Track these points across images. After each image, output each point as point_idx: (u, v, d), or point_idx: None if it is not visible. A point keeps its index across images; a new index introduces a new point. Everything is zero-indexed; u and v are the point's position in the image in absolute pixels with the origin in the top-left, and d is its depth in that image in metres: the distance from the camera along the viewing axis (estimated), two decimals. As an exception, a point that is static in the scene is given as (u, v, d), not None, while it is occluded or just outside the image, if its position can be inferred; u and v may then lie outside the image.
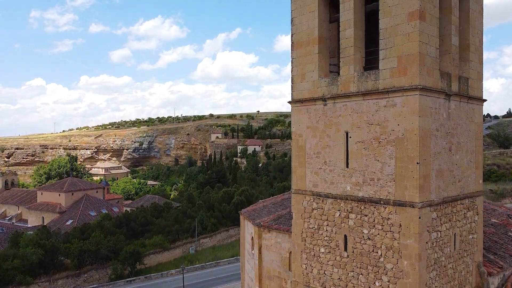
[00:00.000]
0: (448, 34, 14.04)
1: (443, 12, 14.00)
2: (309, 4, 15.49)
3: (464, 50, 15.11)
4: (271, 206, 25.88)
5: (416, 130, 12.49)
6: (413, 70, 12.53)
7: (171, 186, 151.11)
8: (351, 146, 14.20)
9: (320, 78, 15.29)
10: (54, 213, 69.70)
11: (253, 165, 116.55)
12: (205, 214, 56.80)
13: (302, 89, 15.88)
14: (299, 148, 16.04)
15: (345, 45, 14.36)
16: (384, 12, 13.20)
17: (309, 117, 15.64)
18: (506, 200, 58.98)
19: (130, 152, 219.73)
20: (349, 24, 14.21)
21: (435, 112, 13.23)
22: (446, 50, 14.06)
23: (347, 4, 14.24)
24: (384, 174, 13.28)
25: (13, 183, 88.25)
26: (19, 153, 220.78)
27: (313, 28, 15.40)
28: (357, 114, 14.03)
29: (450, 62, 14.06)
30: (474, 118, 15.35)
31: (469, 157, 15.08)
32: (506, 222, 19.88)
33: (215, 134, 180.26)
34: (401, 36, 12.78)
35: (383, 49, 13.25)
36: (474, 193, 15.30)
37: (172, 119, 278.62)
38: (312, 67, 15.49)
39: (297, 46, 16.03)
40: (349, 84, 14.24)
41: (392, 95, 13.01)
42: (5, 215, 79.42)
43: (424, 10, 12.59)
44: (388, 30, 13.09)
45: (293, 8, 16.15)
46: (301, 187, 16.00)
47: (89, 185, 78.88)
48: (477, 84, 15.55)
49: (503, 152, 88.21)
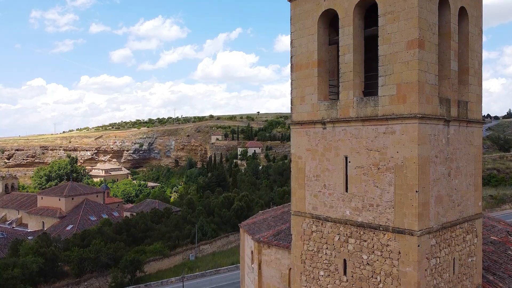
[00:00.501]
0: (447, 59, 14.07)
1: (442, 37, 14.03)
2: (309, 27, 15.51)
3: (464, 73, 15.13)
4: (271, 220, 25.90)
5: (415, 158, 12.52)
6: (412, 98, 12.55)
7: (171, 188, 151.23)
8: (350, 171, 14.23)
9: (320, 101, 15.32)
10: (54, 218, 69.73)
11: (253, 167, 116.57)
12: (205, 220, 56.83)
13: (302, 112, 15.90)
14: (298, 170, 16.07)
15: (344, 69, 14.39)
16: (383, 39, 13.23)
17: (308, 139, 15.66)
18: (506, 205, 59.03)
19: (130, 153, 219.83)
20: (348, 49, 14.23)
21: (434, 138, 13.25)
22: (445, 75, 14.09)
23: (346, 29, 14.26)
24: (383, 200, 13.30)
25: (13, 187, 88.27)
26: (19, 154, 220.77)
27: (313, 51, 15.42)
28: (356, 139, 14.05)
29: (449, 87, 14.09)
30: (473, 141, 15.37)
31: (468, 181, 15.11)
32: (505, 239, 19.90)
33: (215, 136, 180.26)
34: (400, 64, 12.81)
35: (382, 75, 13.27)
36: (473, 216, 15.32)
37: (172, 120, 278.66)
38: (312, 90, 15.52)
39: (297, 68, 16.06)
40: (349, 109, 14.26)
41: (391, 122, 13.03)
42: (5, 219, 79.47)
43: (423, 38, 12.61)
44: (387, 57, 13.12)
45: (293, 30, 16.18)
46: (300, 209, 16.02)
47: (89, 190, 78.92)
48: (476, 107, 15.58)
49: (503, 155, 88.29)
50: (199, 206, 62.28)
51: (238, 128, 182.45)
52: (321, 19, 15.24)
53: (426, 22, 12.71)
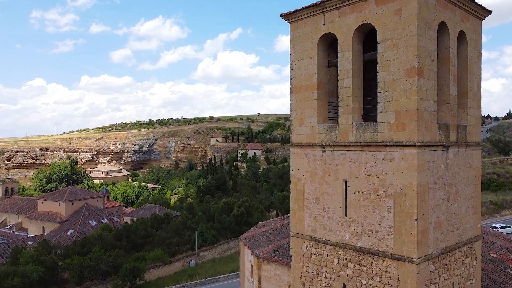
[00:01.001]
0: (447, 84, 14.09)
1: (441, 62, 14.06)
2: (308, 49, 15.55)
3: (463, 97, 15.16)
4: (271, 233, 25.94)
5: (414, 186, 12.54)
6: (411, 126, 12.57)
7: (171, 191, 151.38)
8: (350, 196, 14.26)
9: (319, 124, 15.34)
10: (54, 223, 69.78)
11: (253, 170, 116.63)
12: (205, 226, 56.85)
13: (301, 134, 15.93)
14: (298, 192, 16.09)
15: (343, 94, 14.42)
16: (382, 66, 13.25)
17: (308, 161, 15.69)
18: (506, 211, 59.04)
19: (130, 155, 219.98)
20: (347, 74, 14.26)
21: (433, 165, 13.28)
22: (444, 100, 14.11)
23: (346, 54, 14.29)
24: (382, 226, 13.33)
25: (13, 191, 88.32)
26: (19, 155, 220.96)
27: (312, 74, 15.46)
28: (355, 164, 14.08)
29: (448, 112, 14.11)
30: (472, 164, 15.40)
31: (467, 204, 15.13)
32: (505, 257, 19.92)
33: (215, 138, 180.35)
34: (399, 91, 12.83)
35: (381, 102, 13.30)
36: (472, 239, 15.35)
37: (172, 121, 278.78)
38: (311, 112, 15.55)
39: (296, 90, 16.09)
40: (348, 133, 14.29)
41: (390, 149, 13.06)
42: (5, 224, 79.53)
43: (422, 66, 12.64)
44: (387, 84, 13.14)
45: (292, 52, 16.21)
46: (300, 231, 16.05)
47: (89, 194, 78.97)
48: (476, 129, 15.61)
49: (503, 159, 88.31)
50: (199, 211, 62.30)
51: (238, 130, 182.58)
52: (321, 42, 15.28)
53: (425, 49, 12.74)
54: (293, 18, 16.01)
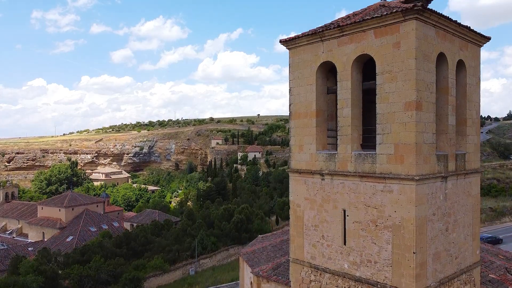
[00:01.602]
0: (445, 114, 14.12)
1: (439, 92, 14.08)
2: (307, 77, 15.57)
3: (461, 125, 15.18)
4: (270, 249, 25.95)
5: (412, 220, 12.56)
6: (410, 160, 12.59)
7: (171, 193, 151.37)
8: (349, 225, 14.28)
9: (318, 151, 15.37)
10: (54, 228, 69.83)
11: (253, 174, 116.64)
12: (205, 233, 56.86)
13: (300, 160, 15.96)
14: (297, 218, 16.12)
15: (342, 123, 14.44)
16: (381, 98, 13.27)
17: (307, 188, 15.72)
18: (505, 218, 59.06)
19: (130, 156, 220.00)
20: (346, 103, 14.29)
21: (432, 197, 13.30)
22: (443, 130, 14.14)
23: (345, 83, 14.32)
24: (381, 258, 13.35)
25: (13, 196, 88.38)
26: (19, 157, 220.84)
27: (311, 101, 15.48)
28: (354, 194, 14.10)
29: (447, 142, 14.14)
30: (471, 191, 15.42)
31: (466, 231, 15.16)
32: (504, 278, 19.91)
33: (215, 140, 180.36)
34: (398, 124, 12.85)
35: (380, 134, 13.32)
36: (471, 266, 15.38)
37: (172, 123, 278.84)
38: (310, 139, 15.57)
39: (295, 116, 16.12)
40: (347, 163, 14.32)
41: (389, 182, 13.08)
42: (5, 229, 79.59)
43: (421, 99, 12.66)
44: (385, 116, 13.17)
45: (291, 78, 16.24)
46: (299, 257, 16.08)
47: (89, 200, 78.99)
48: (474, 156, 15.63)
49: (503, 164, 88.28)
50: (199, 218, 62.31)
51: (238, 132, 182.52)
52: (320, 69, 15.30)
53: (424, 83, 12.77)
54: (292, 45, 16.03)
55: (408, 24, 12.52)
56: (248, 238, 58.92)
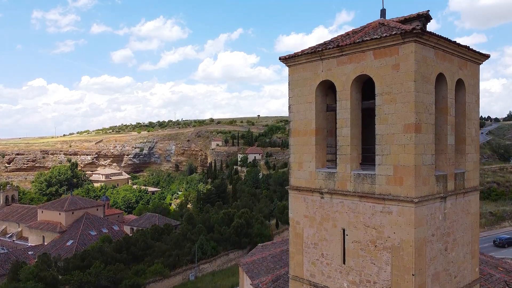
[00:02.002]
0: (444, 134, 14.14)
1: (439, 111, 14.10)
2: (307, 95, 15.60)
3: (461, 143, 15.20)
4: (270, 260, 26.01)
5: (412, 242, 12.58)
6: (409, 182, 12.61)
7: (171, 195, 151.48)
8: (348, 244, 14.31)
9: (318, 169, 15.39)
10: (54, 232, 69.88)
11: (253, 176, 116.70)
12: (205, 238, 56.90)
13: (300, 177, 15.98)
14: (296, 235, 16.15)
15: (341, 142, 14.46)
16: (380, 119, 13.29)
17: (306, 206, 15.74)
18: (505, 223, 59.08)
19: (130, 157, 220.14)
20: (346, 123, 14.31)
21: (431, 217, 13.32)
22: (442, 150, 14.15)
23: (344, 103, 14.34)
24: (380, 278, 13.37)
25: (13, 199, 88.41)
26: (19, 158, 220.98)
27: (311, 120, 15.50)
28: (353, 214, 14.13)
29: (446, 162, 14.16)
30: (470, 209, 15.44)
31: (465, 249, 15.18)
32: (503, 292, 19.94)
33: (215, 142, 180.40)
34: (397, 146, 12.87)
35: (379, 155, 13.34)
36: (470, 284, 15.40)
37: (172, 124, 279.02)
38: (309, 157, 15.59)
39: (294, 134, 16.14)
40: (346, 182, 14.34)
41: (388, 203, 13.10)
42: (5, 232, 79.64)
43: (420, 121, 12.67)
44: (384, 137, 13.19)
45: (291, 96, 16.26)
46: (298, 274, 16.10)
47: (89, 203, 79.02)
48: (473, 174, 15.65)
49: (503, 167, 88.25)
50: (199, 223, 62.35)
51: (238, 134, 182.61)
52: (319, 87, 15.32)
53: (423, 104, 12.79)
54: (292, 63, 16.06)
55: (407, 46, 12.54)
56: (248, 242, 59.07)
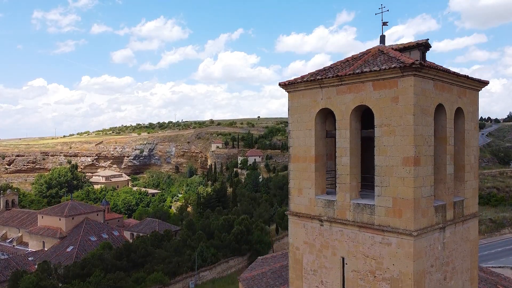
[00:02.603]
0: (443, 163, 14.18)
1: (438, 141, 14.15)
2: (306, 121, 15.64)
3: (460, 171, 15.24)
4: (270, 276, 26.04)
5: (410, 274, 12.63)
6: (408, 215, 12.66)
7: (171, 198, 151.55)
8: (347, 273, 14.35)
9: (317, 196, 15.43)
10: (54, 238, 69.91)
11: (253, 179, 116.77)
12: (205, 245, 56.93)
13: (299, 203, 16.02)
14: (296, 261, 16.19)
15: (341, 171, 14.50)
16: (379, 150, 13.34)
17: (306, 232, 15.78)
18: (505, 230, 59.11)
19: (130, 159, 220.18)
20: (345, 152, 14.35)
21: (430, 248, 13.37)
22: (441, 179, 14.20)
23: (343, 132, 14.39)
24: (379, 309, 13.42)
25: (13, 203, 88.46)
26: (19, 160, 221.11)
27: (310, 146, 15.54)
28: (353, 243, 14.17)
29: (445, 191, 14.20)
30: (469, 236, 15.49)
31: (464, 277, 15.23)
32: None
33: (215, 144, 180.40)
34: (396, 178, 12.92)
35: (378, 186, 13.38)
36: (469, 310, 15.45)
37: (172, 125, 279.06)
38: (309, 184, 15.63)
39: (294, 159, 16.18)
40: (345, 211, 14.38)
41: (387, 235, 13.14)
42: (5, 237, 79.69)
43: (419, 154, 12.72)
44: (383, 168, 13.23)
45: (290, 121, 16.30)
46: (298, 300, 16.15)
47: (89, 208, 79.04)
48: (472, 201, 15.70)
49: (503, 171, 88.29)
50: (199, 229, 62.40)
51: (238, 136, 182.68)
52: (319, 114, 15.36)
53: (422, 137, 12.83)
54: (291, 89, 16.11)
55: (406, 80, 12.59)
56: (248, 249, 59.09)
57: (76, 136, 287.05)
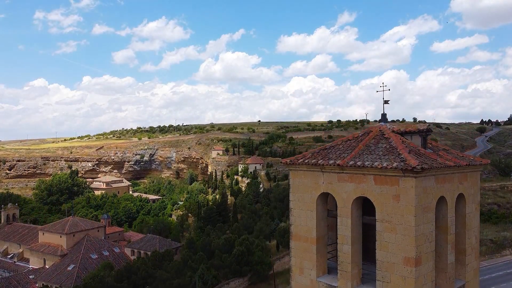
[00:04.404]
0: (444, 253, 14.20)
1: (439, 230, 14.16)
2: (308, 202, 15.66)
3: (461, 254, 15.26)
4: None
5: None
6: (409, 315, 12.68)
7: (172, 205, 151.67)
8: None
9: (318, 279, 15.45)
10: (55, 256, 70.03)
11: (254, 190, 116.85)
12: (205, 266, 57.02)
13: (301, 283, 16.04)
14: None
15: (342, 259, 14.52)
16: (380, 245, 13.35)
17: (307, 312, 15.81)
18: (506, 251, 59.01)
19: (131, 164, 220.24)
20: (346, 240, 14.37)
21: None
22: (442, 268, 14.22)
23: (344, 220, 14.41)
24: None
25: (14, 217, 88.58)
26: (20, 165, 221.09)
27: (311, 228, 15.56)
28: (354, 332, 14.19)
29: (446, 280, 14.22)
30: (470, 318, 15.51)
31: None
32: None
33: (215, 151, 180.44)
34: (397, 276, 12.93)
35: (380, 280, 13.40)
36: None
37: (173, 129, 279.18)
38: (310, 265, 15.66)
39: (296, 238, 16.20)
40: (347, 299, 14.40)
41: (389, 331, 13.17)
42: (6, 253, 79.82)
43: (420, 254, 12.74)
44: (385, 264, 13.25)
45: (292, 199, 16.32)
46: None
47: (90, 225, 79.11)
48: (473, 283, 15.71)
49: (504, 185, 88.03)
50: (199, 250, 62.51)
51: (239, 143, 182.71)
52: (320, 197, 15.38)
53: (423, 236, 12.85)
54: (293, 168, 16.14)
55: (408, 180, 12.61)
56: (249, 270, 59.17)
57: (77, 140, 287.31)
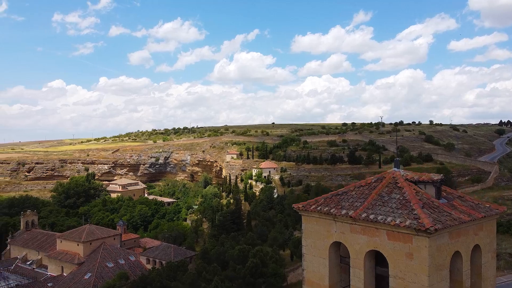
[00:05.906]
0: (459, 307, 14.01)
1: (453, 283, 13.97)
2: (320, 249, 15.62)
3: (476, 305, 15.03)
4: None
5: None
6: None
7: (186, 209, 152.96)
8: None
9: (331, 327, 15.42)
10: (72, 264, 71.38)
11: (268, 196, 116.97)
12: (220, 278, 57.34)
13: (313, 329, 16.03)
14: None
15: (355, 310, 14.46)
16: (393, 301, 13.25)
17: None
18: (525, 265, 57.82)
19: (146, 167, 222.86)
20: (359, 292, 14.30)
21: None
22: (457, 323, 14.03)
23: (357, 271, 14.34)
24: None
25: (33, 223, 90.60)
26: (39, 167, 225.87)
27: (324, 275, 15.52)
28: None
29: (461, 335, 14.03)
30: None
31: None
32: None
33: (230, 155, 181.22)
34: (411, 335, 12.82)
35: (392, 336, 13.30)
36: None
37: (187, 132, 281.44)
38: (323, 312, 15.63)
39: (308, 283, 16.18)
40: None
41: None
42: (25, 259, 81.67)
43: (434, 313, 12.59)
44: (398, 321, 13.14)
45: (304, 244, 16.30)
46: None
47: (106, 233, 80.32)
48: (490, 332, 15.45)
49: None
50: (213, 261, 62.89)
51: (253, 146, 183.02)
52: (333, 245, 15.33)
53: (437, 294, 12.70)
54: (305, 213, 16.12)
55: (421, 239, 12.47)
56: (263, 282, 59.26)
57: (93, 142, 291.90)
